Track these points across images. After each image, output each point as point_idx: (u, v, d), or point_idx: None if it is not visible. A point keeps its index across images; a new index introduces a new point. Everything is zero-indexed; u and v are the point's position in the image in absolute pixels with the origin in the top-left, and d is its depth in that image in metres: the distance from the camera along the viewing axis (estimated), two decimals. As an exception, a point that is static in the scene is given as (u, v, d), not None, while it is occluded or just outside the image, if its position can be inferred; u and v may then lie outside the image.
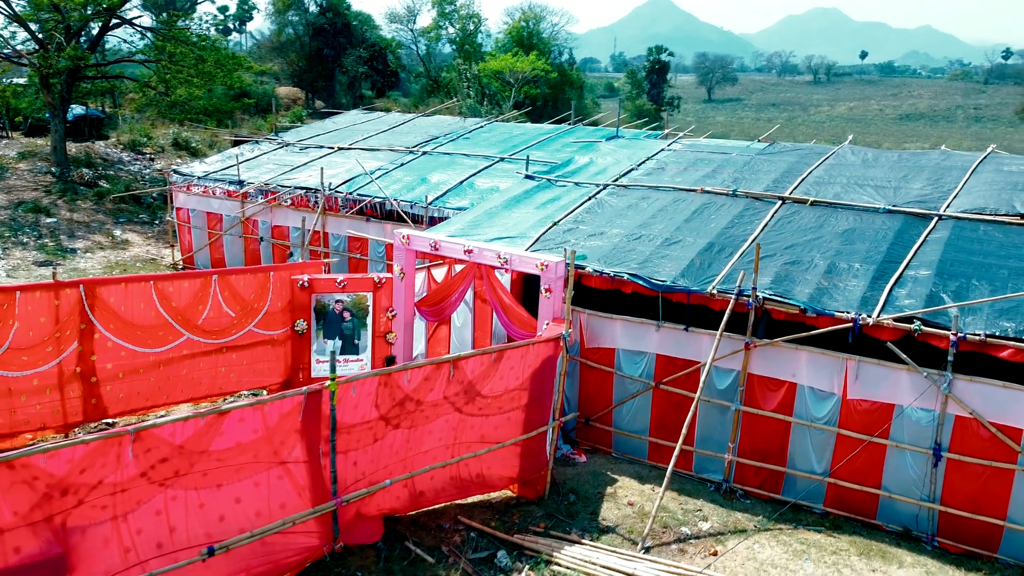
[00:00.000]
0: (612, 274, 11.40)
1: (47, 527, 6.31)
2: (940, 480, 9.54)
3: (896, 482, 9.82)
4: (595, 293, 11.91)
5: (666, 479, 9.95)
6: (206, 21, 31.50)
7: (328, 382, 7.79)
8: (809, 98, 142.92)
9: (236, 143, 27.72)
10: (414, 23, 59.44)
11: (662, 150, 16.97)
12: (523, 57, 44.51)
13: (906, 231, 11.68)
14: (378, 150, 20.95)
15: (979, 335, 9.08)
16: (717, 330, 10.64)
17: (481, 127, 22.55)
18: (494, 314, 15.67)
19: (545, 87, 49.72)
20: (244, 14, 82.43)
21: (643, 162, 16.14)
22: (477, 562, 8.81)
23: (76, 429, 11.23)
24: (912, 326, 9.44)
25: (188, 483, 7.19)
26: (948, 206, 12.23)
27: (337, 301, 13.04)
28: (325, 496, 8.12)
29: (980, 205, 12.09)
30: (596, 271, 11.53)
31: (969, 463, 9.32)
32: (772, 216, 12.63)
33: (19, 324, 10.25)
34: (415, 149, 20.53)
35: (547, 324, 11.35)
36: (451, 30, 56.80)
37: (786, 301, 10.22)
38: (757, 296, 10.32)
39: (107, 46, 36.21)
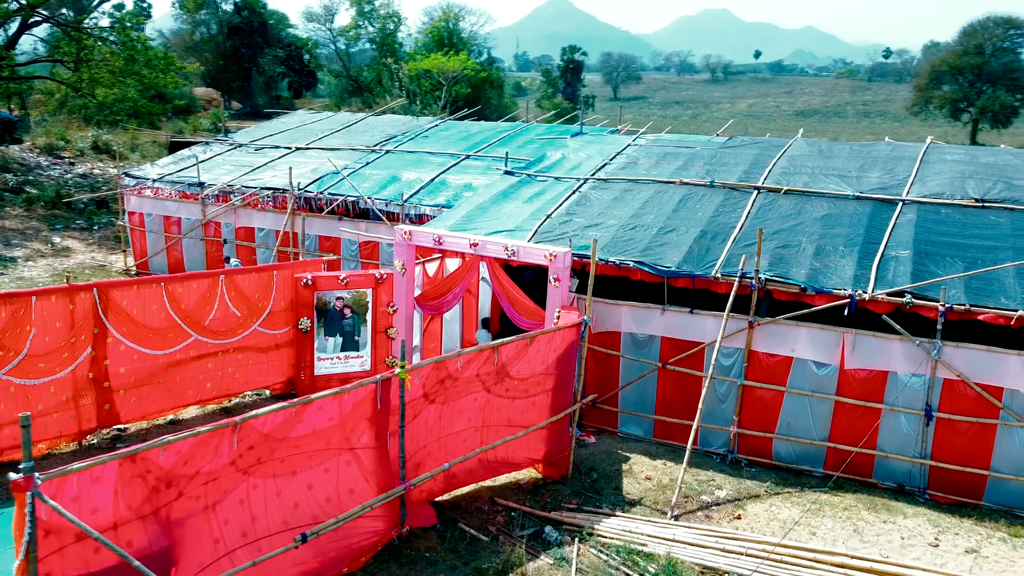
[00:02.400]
0: (619, 262, 11.99)
1: (155, 520, 6.39)
2: (931, 438, 10.56)
3: (891, 442, 10.79)
4: (600, 280, 12.45)
5: (687, 453, 10.61)
6: (127, 21, 30.33)
7: (398, 370, 8.05)
8: (710, 95, 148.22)
9: (176, 146, 27.00)
10: (332, 22, 58.76)
11: (629, 145, 17.70)
12: (453, 56, 44.81)
13: (877, 215, 12.74)
14: (339, 149, 20.91)
15: (964, 305, 10.12)
16: (719, 312, 11.39)
17: (436, 125, 22.79)
18: (478, 307, 16.09)
19: (466, 86, 50.13)
20: (141, 11, 79.24)
21: (614, 157, 16.82)
22: (527, 538, 9.21)
23: (89, 436, 10.99)
24: (904, 299, 10.42)
25: (268, 471, 7.33)
26: (908, 192, 13.38)
27: (338, 298, 13.17)
28: (389, 481, 8.37)
29: (937, 191, 13.29)
30: (602, 260, 12.09)
31: (957, 421, 10.37)
32: (752, 205, 13.50)
33: (36, 330, 10.00)
34: (378, 148, 20.61)
35: (558, 312, 11.83)
36: (370, 29, 56.37)
37: (788, 281, 11.06)
38: (760, 278, 11.11)
39: (18, 47, 34.43)
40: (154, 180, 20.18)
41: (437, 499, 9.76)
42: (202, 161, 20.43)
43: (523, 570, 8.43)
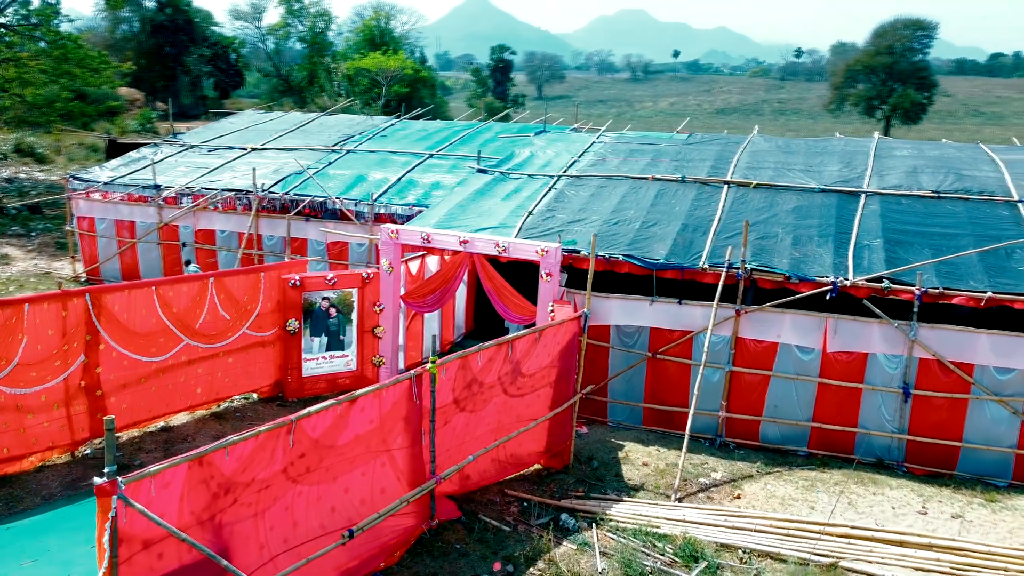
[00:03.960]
0: (608, 256, 12.32)
1: (211, 526, 6.34)
2: (908, 414, 11.26)
3: (871, 420, 11.45)
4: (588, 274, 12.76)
5: (686, 439, 11.03)
6: (48, 17, 29.02)
7: (429, 365, 8.15)
8: (632, 94, 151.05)
9: (115, 148, 26.10)
10: (260, 20, 57.46)
11: (594, 143, 18.10)
12: (392, 55, 44.50)
13: (844, 207, 13.45)
14: (297, 149, 20.64)
15: (938, 288, 10.84)
16: (706, 302, 11.86)
17: (392, 125, 22.73)
18: (455, 307, 16.22)
19: (403, 85, 49.89)
20: (48, 5, 75.73)
21: (582, 154, 17.18)
22: (544, 526, 9.43)
23: (83, 446, 10.66)
24: (882, 284, 11.08)
25: (315, 478, 7.34)
26: (869, 184, 14.16)
27: (324, 298, 13.10)
28: (418, 477, 8.46)
29: (895, 183, 14.11)
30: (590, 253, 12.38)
31: (932, 397, 11.09)
32: (725, 198, 14.04)
33: (28, 338, 9.65)
34: (338, 147, 20.44)
35: (551, 307, 12.09)
36: (300, 28, 55.42)
37: (773, 270, 11.60)
38: (746, 268, 11.62)
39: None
40: (105, 183, 19.50)
41: (451, 496, 9.88)
42: (155, 163, 19.84)
43: (550, 556, 8.65)
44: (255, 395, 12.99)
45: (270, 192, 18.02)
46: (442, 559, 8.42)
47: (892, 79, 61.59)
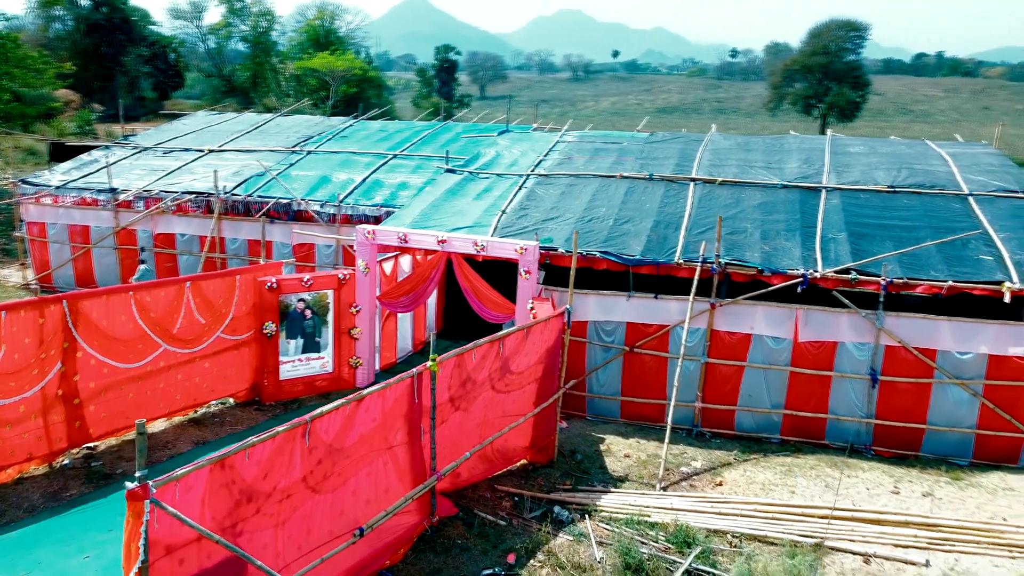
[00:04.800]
0: (585, 253, 12.53)
1: (231, 534, 6.29)
2: (875, 400, 11.76)
3: (841, 406, 11.92)
4: (566, 272, 12.95)
5: (667, 431, 11.35)
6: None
7: (429, 363, 8.22)
8: (574, 94, 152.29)
9: (59, 150, 25.29)
10: (200, 20, 56.14)
11: (558, 142, 18.32)
12: (341, 55, 44.01)
13: (807, 202, 13.94)
14: (256, 151, 20.35)
15: (902, 278, 11.36)
16: (682, 296, 12.18)
17: (351, 125, 22.58)
18: (426, 305, 16.24)
19: (351, 85, 49.43)
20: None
21: (548, 153, 17.39)
22: (538, 519, 9.59)
23: (61, 457, 10.39)
24: (850, 276, 11.55)
25: (329, 485, 7.34)
26: (828, 180, 14.69)
27: (299, 300, 13.01)
28: (420, 475, 8.52)
29: (853, 179, 14.68)
30: (569, 251, 12.60)
31: (898, 382, 11.61)
32: (692, 195, 14.40)
33: (6, 347, 9.37)
34: (298, 149, 20.22)
35: (531, 304, 12.25)
36: (243, 28, 54.38)
37: (746, 264, 11.98)
38: (720, 262, 11.97)
39: None
40: (57, 187, 18.92)
41: (444, 493, 9.96)
42: (104, 167, 19.32)
43: (548, 548, 8.81)
44: (231, 400, 12.82)
45: (232, 194, 17.75)
46: (444, 555, 8.50)
47: (828, 78, 63.49)
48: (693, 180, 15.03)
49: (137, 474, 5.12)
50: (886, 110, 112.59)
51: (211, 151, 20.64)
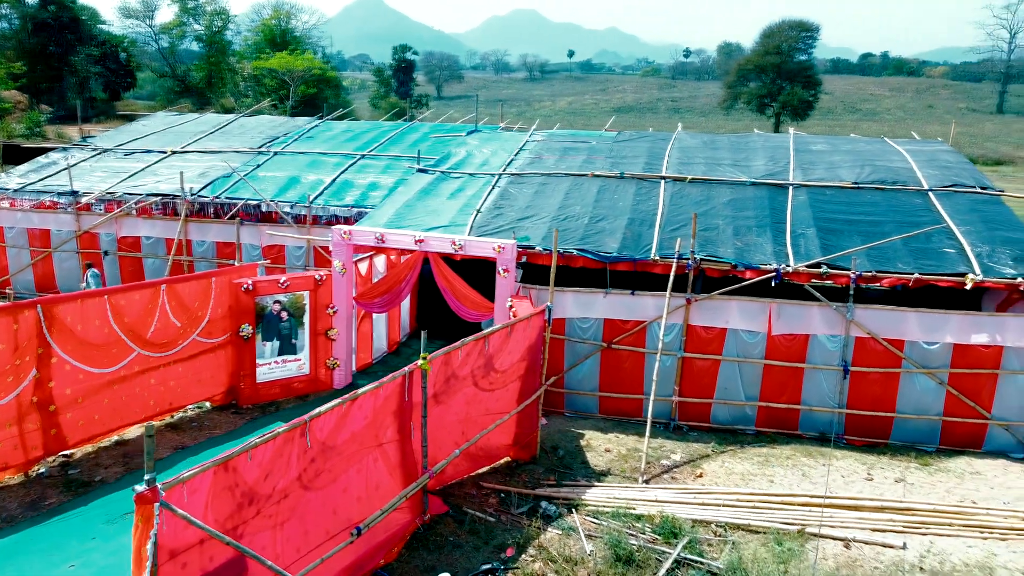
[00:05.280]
0: (562, 250, 12.65)
1: (233, 536, 6.25)
2: (846, 390, 12.10)
3: (813, 397, 12.24)
4: (543, 270, 13.07)
5: (648, 425, 11.54)
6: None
7: (420, 361, 8.25)
8: (530, 94, 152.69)
9: (10, 152, 24.61)
10: (152, 19, 54.97)
11: (528, 141, 18.44)
12: (300, 55, 43.51)
13: (775, 198, 14.27)
14: (221, 152, 20.08)
15: (871, 272, 11.71)
16: (658, 292, 12.37)
17: (316, 126, 22.40)
18: (403, 305, 16.22)
19: (310, 86, 48.96)
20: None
21: (518, 152, 17.49)
22: (526, 515, 9.67)
23: (37, 465, 10.16)
24: (821, 270, 11.87)
25: (320, 482, 7.32)
26: (794, 177, 15.05)
27: (275, 302, 12.91)
28: (410, 473, 8.54)
29: (818, 176, 15.06)
30: (546, 249, 12.72)
31: (868, 373, 11.96)
32: (664, 193, 14.64)
33: (-21, 354, 9.16)
34: (265, 149, 20.01)
35: (510, 302, 12.33)
36: (197, 27, 53.45)
37: (720, 260, 12.22)
38: (695, 258, 12.20)
39: None
40: (15, 190, 18.43)
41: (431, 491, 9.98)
42: (63, 169, 18.89)
43: (539, 542, 8.90)
44: (208, 404, 12.65)
45: (199, 196, 17.50)
46: (437, 552, 8.54)
47: (781, 78, 64.86)
48: (663, 178, 15.27)
49: (146, 477, 5.08)
50: (835, 109, 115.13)
51: (174, 152, 20.30)
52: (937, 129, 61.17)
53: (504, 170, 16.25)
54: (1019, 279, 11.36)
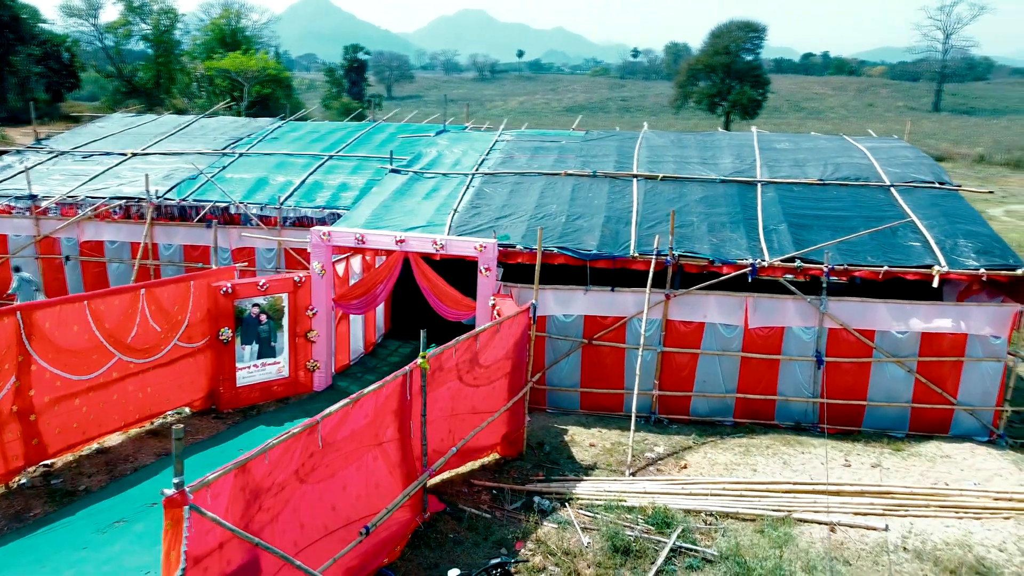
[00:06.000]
0: (543, 249, 12.77)
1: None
2: (820, 380, 12.48)
3: (789, 387, 12.60)
4: (523, 268, 13.19)
5: (633, 420, 11.77)
6: None
7: (420, 360, 8.29)
8: (482, 93, 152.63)
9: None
10: (96, 17, 53.46)
11: (497, 141, 18.53)
12: (253, 55, 42.76)
13: (745, 195, 14.62)
14: (184, 154, 19.72)
15: (843, 265, 12.11)
16: (637, 289, 12.60)
17: (280, 127, 22.14)
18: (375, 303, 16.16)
19: (264, 86, 48.25)
20: None
21: (488, 152, 17.58)
22: (520, 510, 9.78)
23: (18, 476, 9.90)
24: (795, 264, 12.23)
25: (317, 476, 7.32)
26: (761, 175, 15.44)
27: (254, 305, 12.78)
28: (409, 471, 8.57)
29: (785, 173, 15.47)
30: (526, 247, 12.84)
31: (842, 363, 12.36)
32: (637, 191, 14.88)
33: (-41, 364, 8.90)
34: (230, 151, 19.71)
35: (492, 300, 12.42)
36: (144, 26, 52.18)
37: (697, 256, 12.50)
38: (674, 255, 12.45)
39: None
40: (-31, 195, 17.82)
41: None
42: (28, 170, 18.33)
43: (537, 536, 9.02)
44: (188, 410, 12.46)
45: (165, 199, 17.17)
46: (439, 550, 8.59)
47: (730, 77, 66.06)
48: (635, 176, 15.51)
49: (175, 480, 5.04)
50: (781, 107, 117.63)
51: (135, 154, 19.87)
52: (879, 127, 63.00)
53: (477, 170, 16.32)
54: (982, 270, 11.87)
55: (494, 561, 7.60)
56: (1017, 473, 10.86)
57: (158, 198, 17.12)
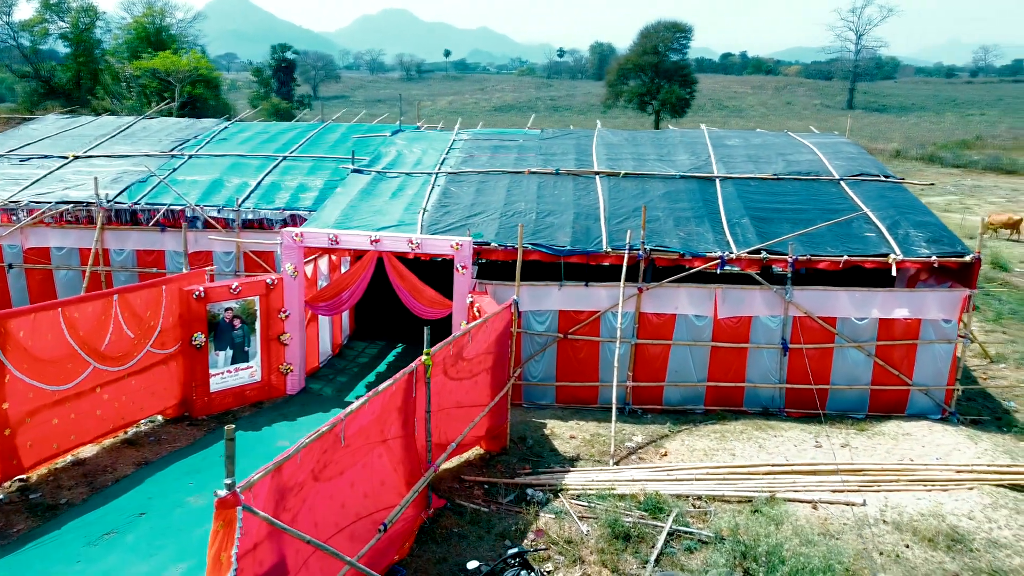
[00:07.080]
0: (517, 245, 12.93)
1: (274, 535, 6.21)
2: (785, 366, 13.02)
3: (757, 374, 13.10)
4: (497, 265, 13.33)
5: (613, 411, 12.07)
6: None
7: (424, 357, 8.34)
8: (409, 93, 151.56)
9: None
10: (9, 15, 50.95)
11: (455, 140, 18.60)
12: (184, 55, 41.43)
13: (705, 190, 15.10)
14: (129, 156, 19.11)
15: (806, 256, 12.66)
16: (610, 283, 12.89)
17: (227, 127, 21.66)
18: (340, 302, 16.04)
19: (195, 87, 46.91)
20: None
21: (448, 151, 17.64)
22: (514, 502, 9.93)
23: (-6, 493, 9.52)
24: (761, 256, 12.71)
25: (328, 474, 7.31)
26: (717, 170, 15.95)
27: (227, 309, 12.57)
28: (414, 467, 8.62)
29: (740, 169, 16.03)
30: (500, 244, 12.97)
31: (806, 349, 12.91)
32: (601, 188, 15.19)
33: (-67, 376, 8.50)
34: (178, 152, 19.20)
35: (470, 298, 12.51)
36: (62, 25, 50.03)
37: (668, 249, 12.87)
38: (646, 249, 12.79)
39: None
40: (-100, 201, 16.87)
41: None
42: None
43: (537, 527, 9.18)
44: (160, 417, 12.15)
45: (116, 202, 16.64)
46: (445, 544, 8.66)
47: (659, 77, 67.48)
48: (597, 173, 15.83)
49: (227, 481, 5.00)
50: (705, 106, 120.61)
51: (77, 157, 19.15)
52: (798, 124, 65.35)
53: (440, 169, 16.36)
54: (934, 258, 12.59)
55: (512, 551, 7.72)
56: (973, 447, 11.57)
57: (108, 202, 16.58)
